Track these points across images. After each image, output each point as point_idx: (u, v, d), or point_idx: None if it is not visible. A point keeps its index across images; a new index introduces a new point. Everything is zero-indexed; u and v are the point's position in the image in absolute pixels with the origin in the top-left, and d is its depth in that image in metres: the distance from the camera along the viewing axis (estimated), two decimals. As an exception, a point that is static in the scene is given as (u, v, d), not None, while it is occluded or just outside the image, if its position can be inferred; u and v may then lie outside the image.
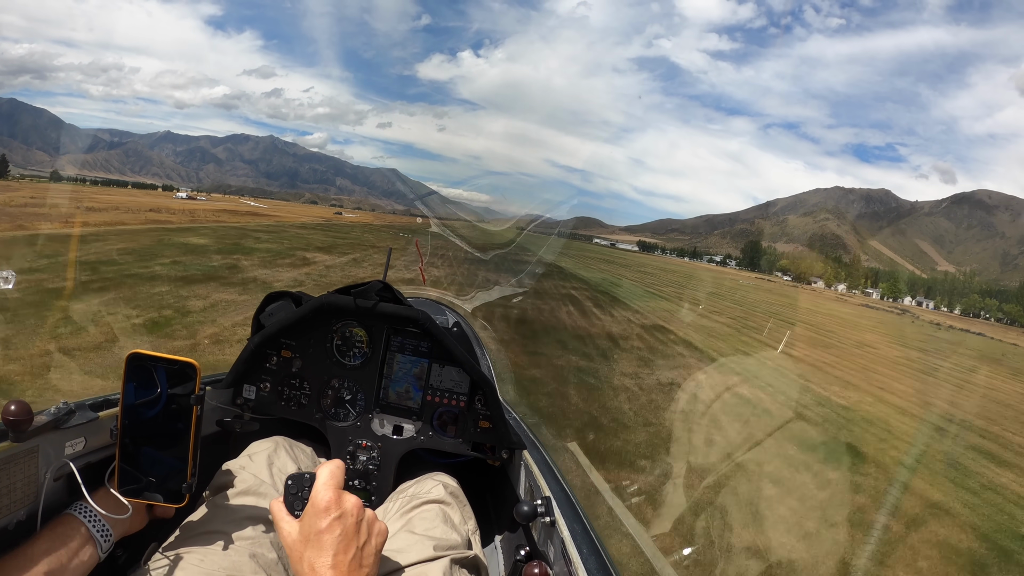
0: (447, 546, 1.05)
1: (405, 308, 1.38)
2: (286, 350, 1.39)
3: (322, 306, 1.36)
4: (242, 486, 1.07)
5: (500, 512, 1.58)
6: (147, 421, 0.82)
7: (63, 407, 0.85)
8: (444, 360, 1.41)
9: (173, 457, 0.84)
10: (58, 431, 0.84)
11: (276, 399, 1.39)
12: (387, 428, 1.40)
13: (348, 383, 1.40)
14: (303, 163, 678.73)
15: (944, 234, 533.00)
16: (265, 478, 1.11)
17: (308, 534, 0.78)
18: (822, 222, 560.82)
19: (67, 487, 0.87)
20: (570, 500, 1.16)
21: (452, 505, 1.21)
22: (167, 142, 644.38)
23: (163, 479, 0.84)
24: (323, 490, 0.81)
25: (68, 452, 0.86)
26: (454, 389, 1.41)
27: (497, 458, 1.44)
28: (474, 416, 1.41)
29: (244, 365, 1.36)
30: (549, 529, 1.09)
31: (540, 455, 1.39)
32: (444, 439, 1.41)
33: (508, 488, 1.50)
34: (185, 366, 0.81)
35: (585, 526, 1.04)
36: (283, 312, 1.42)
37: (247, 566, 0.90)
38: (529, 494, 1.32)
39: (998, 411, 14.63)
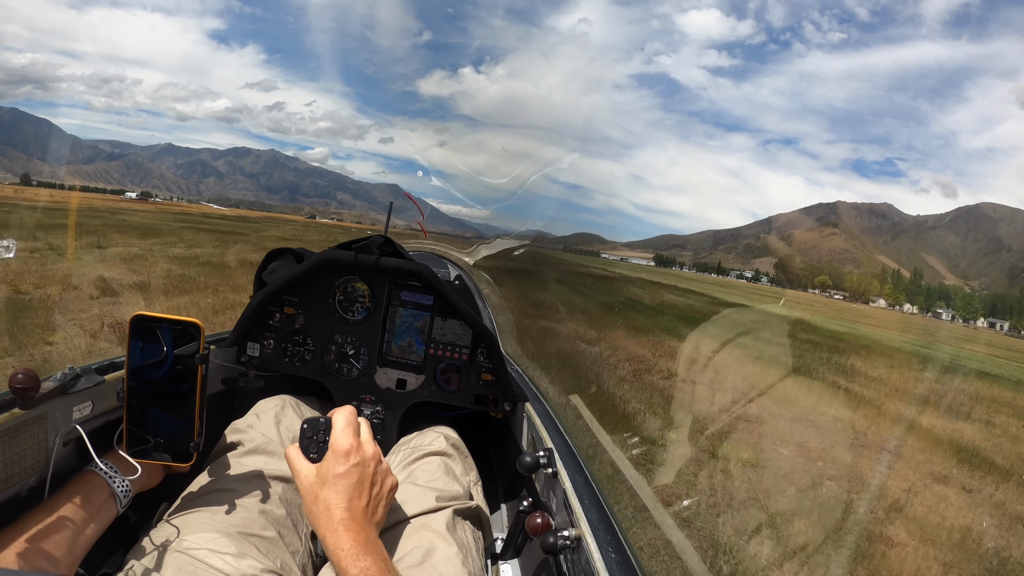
0: (449, 497, 1.05)
1: (407, 262, 1.37)
2: (289, 307, 1.39)
3: (323, 262, 1.35)
4: (250, 444, 1.08)
5: (503, 464, 1.59)
6: (153, 382, 0.82)
7: (69, 372, 0.85)
8: (446, 313, 1.42)
9: (180, 417, 0.84)
10: (65, 396, 0.84)
11: (280, 356, 1.40)
12: (391, 382, 1.42)
13: (351, 338, 1.41)
14: (304, 177, 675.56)
15: (950, 248, 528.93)
16: (273, 436, 1.12)
17: (326, 476, 0.79)
18: (829, 236, 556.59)
19: (76, 451, 0.88)
20: (572, 452, 1.17)
21: (454, 456, 1.22)
22: (168, 154, 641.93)
23: (171, 439, 0.85)
24: (342, 436, 0.82)
25: (76, 417, 0.87)
26: (456, 342, 1.42)
27: (500, 410, 1.45)
28: (476, 369, 1.42)
29: (247, 323, 1.36)
30: (551, 480, 1.10)
31: (542, 407, 1.40)
32: (447, 392, 1.43)
33: (511, 440, 1.51)
34: (189, 326, 0.81)
35: (587, 477, 1.06)
36: (285, 269, 1.42)
37: (256, 522, 0.91)
38: (531, 446, 1.33)
39: None
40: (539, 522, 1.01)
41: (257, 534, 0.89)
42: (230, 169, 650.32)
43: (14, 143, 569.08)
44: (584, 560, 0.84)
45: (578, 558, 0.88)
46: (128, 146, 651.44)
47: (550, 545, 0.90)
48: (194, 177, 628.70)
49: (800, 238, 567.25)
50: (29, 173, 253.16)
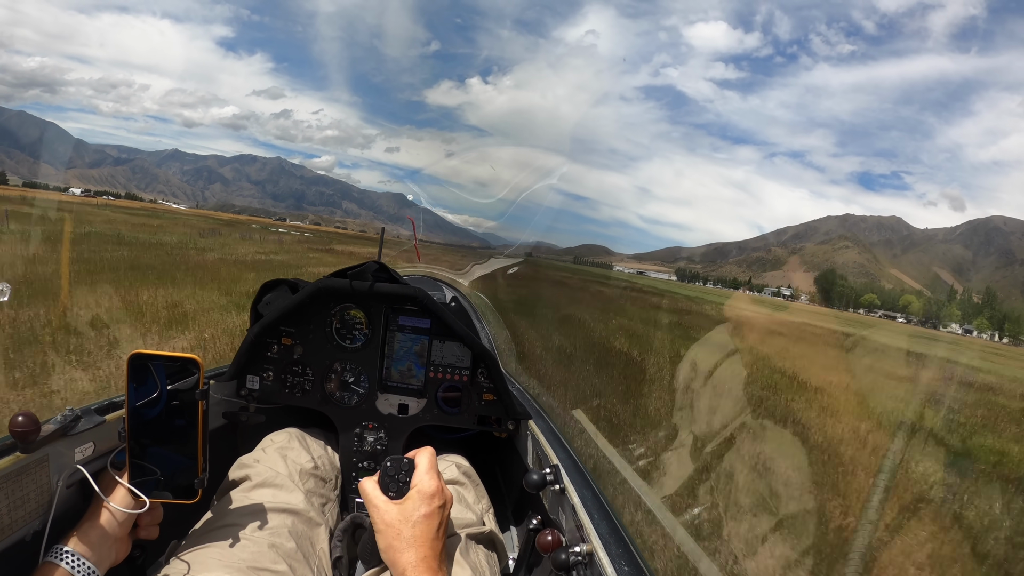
0: (462, 524, 1.07)
1: (402, 286, 1.38)
2: (286, 337, 1.40)
3: (319, 291, 1.35)
4: (257, 479, 1.08)
5: (510, 483, 1.58)
6: (153, 420, 0.82)
7: (69, 414, 0.86)
8: (444, 336, 1.42)
9: (182, 454, 0.84)
10: (66, 438, 0.84)
11: (280, 387, 1.40)
12: (392, 407, 1.42)
13: (350, 366, 1.41)
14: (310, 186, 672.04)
15: (962, 262, 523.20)
16: (280, 469, 1.12)
17: (410, 515, 0.82)
18: (841, 250, 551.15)
19: (80, 493, 0.88)
20: (578, 467, 1.17)
21: (466, 485, 1.23)
22: (174, 160, 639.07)
23: (174, 476, 0.84)
24: (428, 478, 0.85)
25: (78, 458, 0.87)
26: (456, 364, 1.42)
27: (503, 430, 1.45)
28: (478, 389, 1.43)
29: (245, 356, 1.36)
30: (559, 497, 1.10)
31: (546, 424, 1.41)
32: (449, 415, 1.43)
33: (516, 459, 1.51)
34: (187, 362, 0.81)
35: (595, 491, 1.06)
36: (280, 300, 1.42)
37: (267, 556, 0.90)
38: (537, 463, 1.33)
39: None
40: (550, 539, 1.01)
41: (268, 568, 0.88)
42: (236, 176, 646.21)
43: (21, 146, 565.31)
44: (597, 575, 0.84)
45: (591, 573, 0.88)
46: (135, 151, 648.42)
47: (562, 562, 0.90)
48: (200, 183, 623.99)
49: (811, 251, 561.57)
50: (5, 171, 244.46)
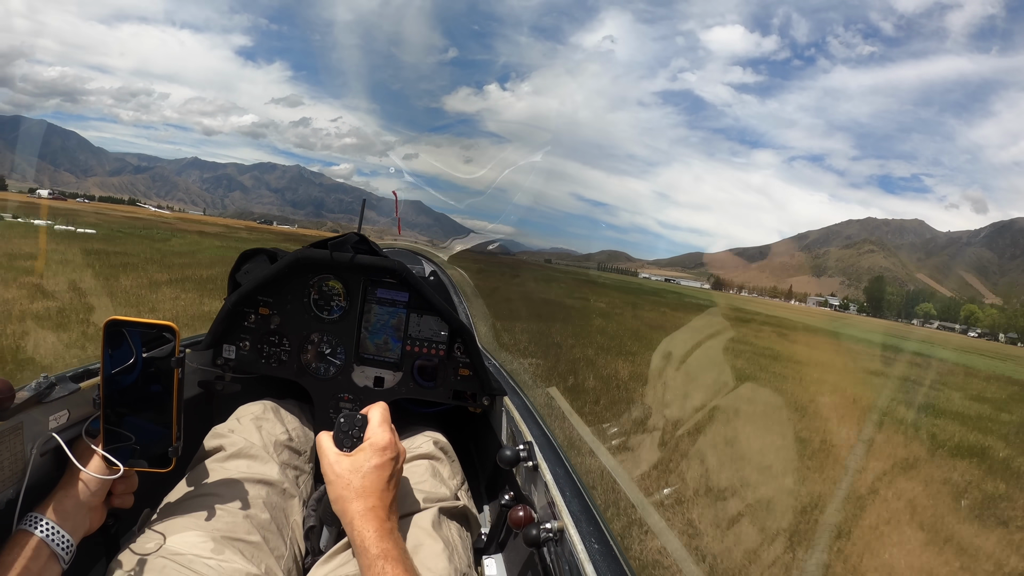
0: (436, 498, 1.08)
1: (381, 259, 1.37)
2: (264, 307, 1.39)
3: (297, 261, 1.35)
4: (232, 449, 1.08)
5: (483, 458, 1.59)
6: (129, 388, 0.81)
7: (44, 381, 0.85)
8: (422, 309, 1.41)
9: (157, 422, 0.83)
10: (41, 405, 0.84)
11: (256, 357, 1.39)
12: (368, 380, 1.41)
13: (327, 337, 1.40)
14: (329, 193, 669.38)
15: (988, 265, 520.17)
16: (255, 440, 1.12)
17: (361, 466, 0.83)
18: (867, 254, 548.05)
19: (54, 460, 0.87)
20: (552, 444, 1.18)
21: (441, 460, 1.23)
22: (194, 168, 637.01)
23: (148, 445, 0.83)
24: (380, 431, 0.86)
25: (52, 426, 0.86)
26: (433, 338, 1.41)
27: (478, 405, 1.45)
28: (454, 364, 1.42)
29: (222, 325, 1.35)
30: (532, 473, 1.11)
31: (521, 401, 1.41)
32: (425, 388, 1.42)
33: (490, 435, 1.52)
34: (163, 329, 0.80)
35: (567, 469, 1.06)
36: (258, 269, 1.42)
37: (241, 526, 0.91)
38: (511, 439, 1.33)
39: None
40: (521, 515, 1.03)
41: (242, 538, 0.89)
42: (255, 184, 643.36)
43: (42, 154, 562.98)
44: (567, 552, 0.85)
45: (561, 550, 0.89)
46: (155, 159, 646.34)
47: (533, 538, 0.91)
48: (220, 191, 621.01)
49: (836, 256, 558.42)
50: (4, 176, 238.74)
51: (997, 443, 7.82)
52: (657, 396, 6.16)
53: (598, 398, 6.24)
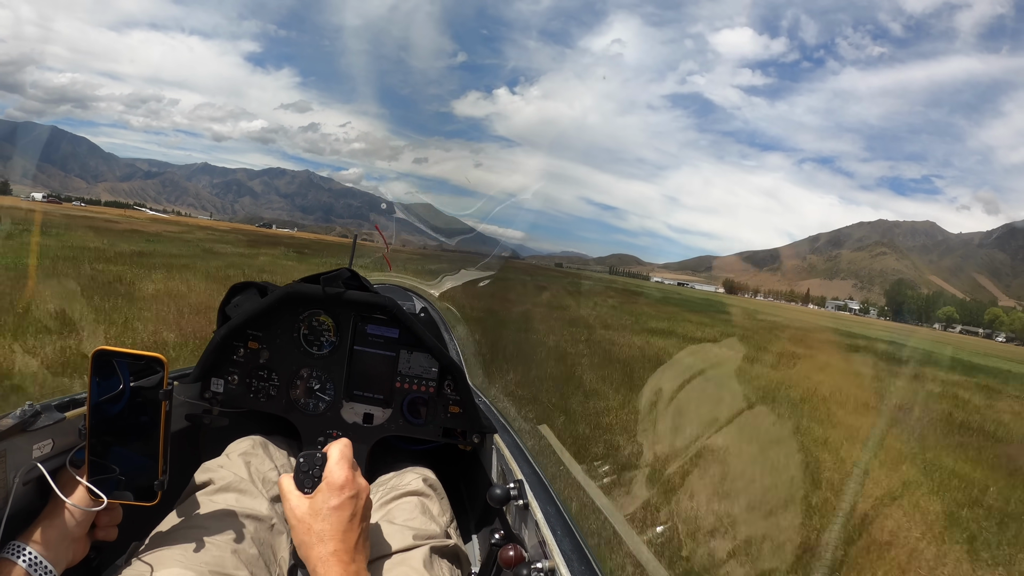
0: (426, 536, 1.07)
1: (372, 295, 1.37)
2: (253, 341, 1.37)
3: (288, 295, 1.34)
4: (221, 483, 1.07)
5: (474, 497, 1.58)
6: (115, 419, 0.80)
7: (28, 409, 0.84)
8: (412, 346, 1.40)
9: (143, 454, 0.82)
10: (25, 434, 0.82)
11: (245, 391, 1.37)
12: (357, 416, 1.40)
13: (317, 373, 1.39)
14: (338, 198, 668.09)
15: (1000, 266, 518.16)
16: (244, 475, 1.11)
17: (319, 508, 0.80)
18: (879, 257, 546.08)
19: (37, 490, 0.86)
20: (543, 482, 1.16)
21: (431, 497, 1.22)
22: (204, 174, 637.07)
23: (134, 477, 0.82)
24: (337, 468, 0.83)
25: (36, 455, 0.84)
26: (423, 375, 1.41)
27: (468, 443, 1.45)
28: (444, 401, 1.42)
29: (211, 358, 1.34)
30: (523, 512, 1.10)
31: (511, 438, 1.40)
32: (414, 425, 1.41)
33: (481, 472, 1.51)
34: (152, 361, 0.79)
35: (558, 507, 1.05)
36: (249, 303, 1.40)
37: (229, 561, 0.90)
38: (501, 477, 1.33)
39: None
40: (512, 555, 1.01)
41: (229, 573, 0.88)
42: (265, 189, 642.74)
43: (52, 160, 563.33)
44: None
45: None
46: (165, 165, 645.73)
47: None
48: (229, 196, 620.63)
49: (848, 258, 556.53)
50: (8, 181, 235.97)
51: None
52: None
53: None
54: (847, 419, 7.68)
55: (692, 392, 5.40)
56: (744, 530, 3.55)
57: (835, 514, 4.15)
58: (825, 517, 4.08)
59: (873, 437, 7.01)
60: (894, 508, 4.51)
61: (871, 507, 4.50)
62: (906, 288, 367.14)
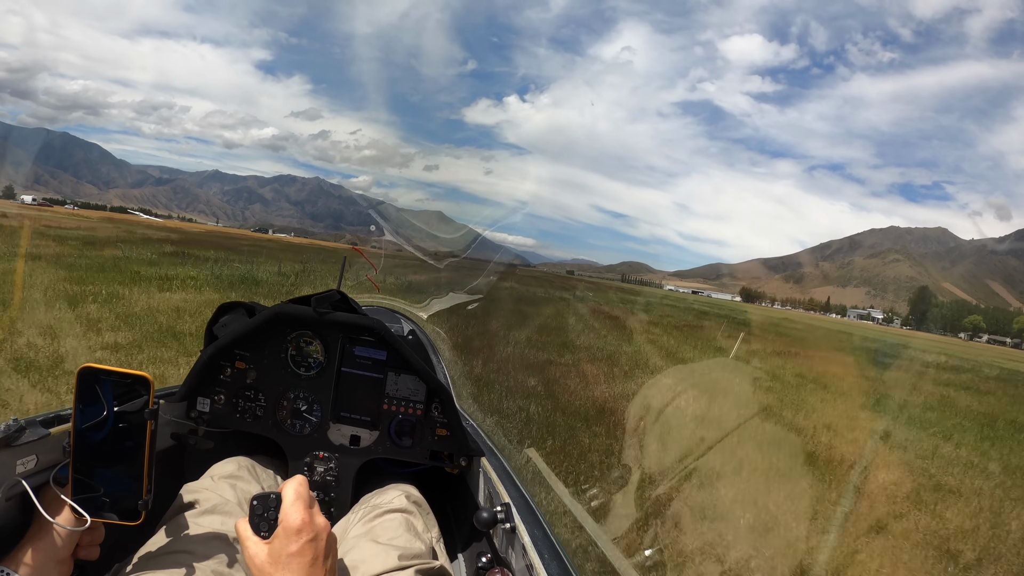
0: (412, 555, 1.05)
1: (360, 317, 1.38)
2: (240, 361, 1.38)
3: (276, 316, 1.34)
4: (206, 505, 1.06)
5: (461, 520, 1.58)
6: (100, 437, 0.79)
7: (13, 424, 0.83)
8: (400, 368, 1.41)
9: (127, 474, 0.81)
10: (9, 449, 0.82)
11: (231, 411, 1.37)
12: (344, 438, 1.40)
13: (304, 394, 1.39)
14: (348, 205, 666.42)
15: (1013, 273, 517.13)
16: (230, 497, 1.10)
17: (278, 556, 0.77)
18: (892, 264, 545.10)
19: (20, 506, 0.85)
20: (530, 506, 1.16)
21: (415, 514, 1.21)
22: (215, 181, 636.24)
23: (118, 497, 0.81)
24: (292, 511, 0.79)
25: (20, 470, 0.83)
26: (410, 397, 1.41)
27: (455, 466, 1.44)
28: (431, 424, 1.42)
29: (197, 377, 1.34)
30: (510, 535, 1.09)
31: (498, 461, 1.40)
32: (401, 448, 1.41)
33: (468, 496, 1.51)
34: (138, 380, 0.79)
35: (546, 531, 1.05)
36: (236, 323, 1.40)
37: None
38: (488, 501, 1.32)
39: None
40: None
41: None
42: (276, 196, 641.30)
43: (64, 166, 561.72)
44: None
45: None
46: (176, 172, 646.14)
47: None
48: (240, 203, 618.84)
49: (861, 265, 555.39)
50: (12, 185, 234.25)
51: None
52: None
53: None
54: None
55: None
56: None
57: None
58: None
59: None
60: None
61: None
62: (929, 296, 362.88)
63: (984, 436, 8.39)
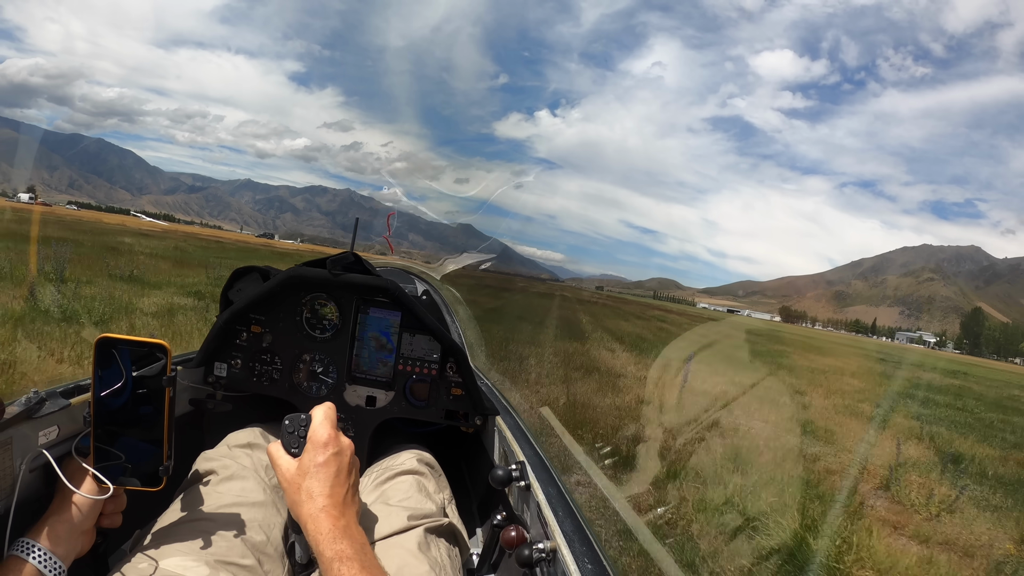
0: (421, 515, 1.06)
1: (374, 278, 1.38)
2: (256, 325, 1.38)
3: (290, 279, 1.35)
4: (224, 472, 1.08)
5: (476, 478, 1.58)
6: (119, 406, 0.80)
7: (34, 396, 0.85)
8: (414, 329, 1.41)
9: (148, 441, 0.82)
10: (30, 421, 0.83)
11: (248, 375, 1.38)
12: (360, 399, 1.41)
13: (319, 356, 1.40)
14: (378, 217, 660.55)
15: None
16: (247, 464, 1.12)
17: (307, 467, 0.82)
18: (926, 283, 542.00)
19: (43, 477, 0.87)
20: (544, 464, 1.17)
21: (426, 475, 1.23)
22: (247, 190, 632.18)
23: (139, 463, 0.83)
24: (320, 428, 0.85)
25: (42, 442, 0.85)
26: (425, 357, 1.42)
27: (471, 425, 1.46)
28: (446, 383, 1.43)
29: (214, 342, 1.35)
30: (524, 493, 1.10)
31: (513, 420, 1.41)
32: (417, 408, 1.42)
33: (483, 454, 1.52)
34: (155, 347, 0.79)
35: (560, 489, 1.06)
36: (251, 287, 1.42)
37: (236, 549, 0.91)
38: (503, 459, 1.33)
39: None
40: (514, 535, 1.01)
41: (235, 562, 0.89)
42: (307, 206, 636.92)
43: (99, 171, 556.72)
44: (560, 572, 0.85)
45: (554, 570, 0.89)
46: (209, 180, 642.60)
47: (525, 558, 0.91)
48: (271, 212, 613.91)
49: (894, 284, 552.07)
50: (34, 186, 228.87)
51: None
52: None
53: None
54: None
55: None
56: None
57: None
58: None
59: None
60: None
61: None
62: (982, 318, 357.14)
63: None
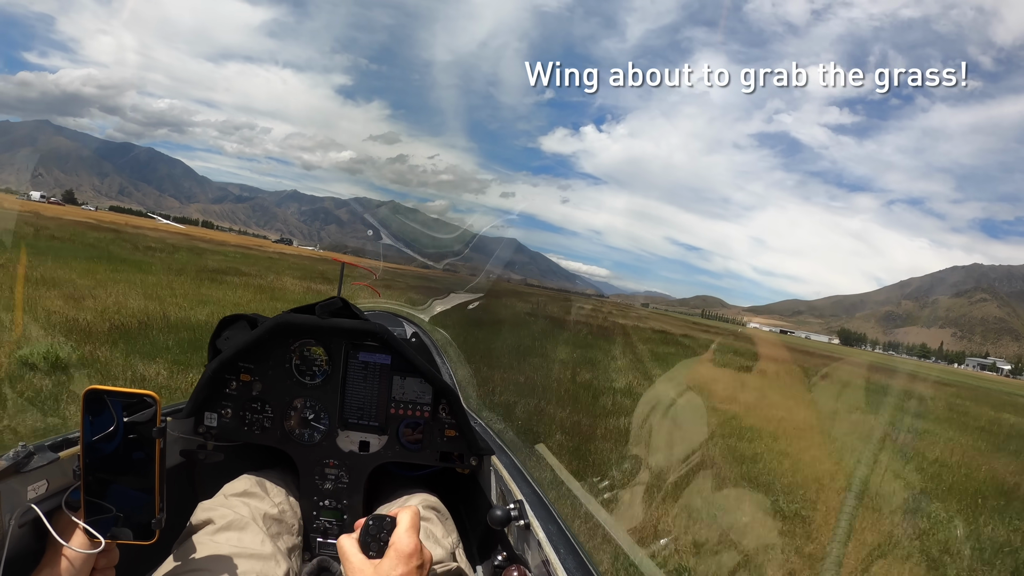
0: (431, 561, 1.05)
1: (362, 322, 1.37)
2: (245, 374, 1.37)
3: (278, 326, 1.34)
4: (221, 523, 1.07)
5: (474, 520, 1.56)
6: (109, 458, 0.79)
7: (22, 450, 0.83)
8: (405, 372, 1.40)
9: (139, 493, 0.80)
10: (19, 475, 0.82)
11: (239, 424, 1.37)
12: (353, 445, 1.39)
13: (310, 402, 1.38)
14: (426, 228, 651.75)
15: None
16: (244, 514, 1.11)
17: (385, 574, 0.79)
18: (979, 303, 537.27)
19: (33, 532, 0.84)
20: (543, 502, 1.16)
21: (433, 520, 1.22)
22: (293, 201, 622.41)
23: (131, 516, 0.80)
24: (407, 536, 0.81)
25: (31, 496, 0.84)
26: (417, 400, 1.41)
27: (466, 466, 1.44)
28: (439, 425, 1.41)
29: (203, 392, 1.33)
30: (524, 532, 1.09)
31: (509, 459, 1.41)
32: (411, 451, 1.41)
33: (480, 495, 1.50)
34: (144, 398, 0.78)
35: (560, 526, 1.05)
36: (239, 335, 1.40)
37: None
38: (501, 499, 1.32)
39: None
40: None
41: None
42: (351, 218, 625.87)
43: (148, 179, 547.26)
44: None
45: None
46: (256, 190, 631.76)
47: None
48: (316, 224, 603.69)
49: (945, 305, 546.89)
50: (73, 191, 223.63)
51: None
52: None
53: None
54: None
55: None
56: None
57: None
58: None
59: None
60: None
61: None
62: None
63: None
